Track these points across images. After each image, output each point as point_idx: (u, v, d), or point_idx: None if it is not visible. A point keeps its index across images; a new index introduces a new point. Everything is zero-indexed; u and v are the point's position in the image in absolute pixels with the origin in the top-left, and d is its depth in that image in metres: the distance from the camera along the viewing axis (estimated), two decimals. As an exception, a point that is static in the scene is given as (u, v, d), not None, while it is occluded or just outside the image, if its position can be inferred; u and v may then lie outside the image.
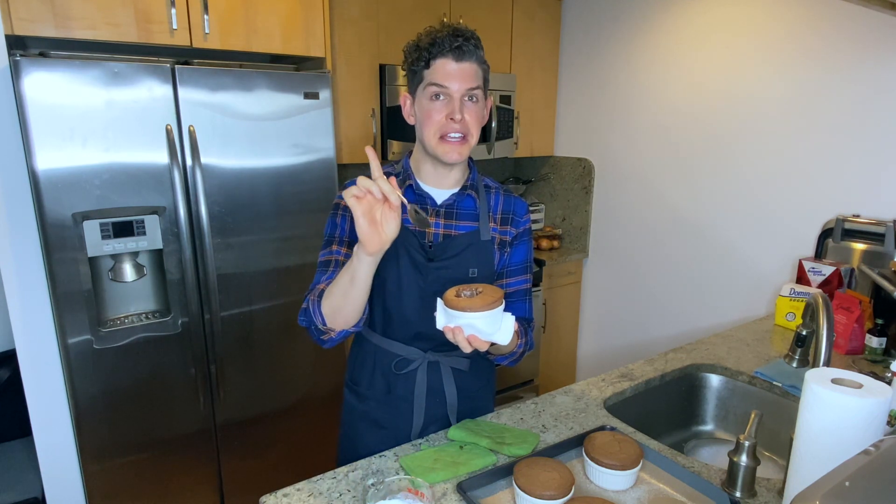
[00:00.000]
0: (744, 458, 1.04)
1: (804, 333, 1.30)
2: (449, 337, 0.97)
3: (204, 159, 1.89)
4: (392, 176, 0.98)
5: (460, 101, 1.10)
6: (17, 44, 1.79)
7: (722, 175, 2.51)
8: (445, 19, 2.68)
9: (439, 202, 1.21)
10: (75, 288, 1.76)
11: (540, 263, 2.98)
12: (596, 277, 3.19)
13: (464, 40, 1.08)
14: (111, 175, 1.76)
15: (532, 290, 1.31)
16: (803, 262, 2.06)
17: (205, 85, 1.86)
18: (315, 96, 2.07)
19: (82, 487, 2.01)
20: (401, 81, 2.56)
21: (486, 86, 1.16)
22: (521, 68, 3.02)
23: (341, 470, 1.11)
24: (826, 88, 2.12)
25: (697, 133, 2.58)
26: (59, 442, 1.98)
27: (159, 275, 1.95)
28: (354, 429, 1.32)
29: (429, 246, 1.19)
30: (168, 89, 1.80)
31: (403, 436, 1.28)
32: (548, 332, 3.14)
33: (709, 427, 1.66)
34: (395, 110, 2.57)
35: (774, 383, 1.54)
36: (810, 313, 1.29)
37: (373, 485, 1.05)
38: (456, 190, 1.22)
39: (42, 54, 1.72)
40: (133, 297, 1.96)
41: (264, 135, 2.00)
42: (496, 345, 1.03)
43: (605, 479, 1.05)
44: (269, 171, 2.03)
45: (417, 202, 1.21)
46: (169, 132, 1.82)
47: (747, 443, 1.04)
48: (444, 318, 0.98)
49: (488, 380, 1.38)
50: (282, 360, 2.19)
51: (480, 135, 1.16)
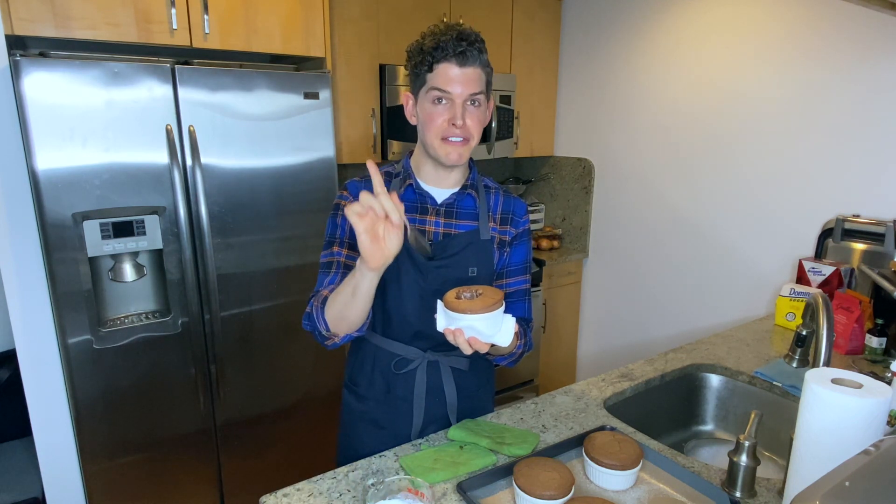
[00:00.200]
0: (744, 458, 1.04)
1: (804, 333, 1.30)
2: (450, 339, 0.97)
3: (204, 159, 1.89)
4: (394, 191, 0.98)
5: (462, 105, 1.10)
6: (17, 44, 1.79)
7: (722, 175, 2.51)
8: (445, 19, 2.68)
9: (439, 201, 1.22)
10: (75, 288, 1.76)
11: (540, 263, 2.98)
12: (596, 277, 3.19)
13: (468, 45, 1.07)
14: (111, 175, 1.76)
15: (531, 290, 1.31)
16: (803, 262, 2.06)
17: (205, 85, 1.86)
18: (315, 96, 2.07)
19: (82, 487, 2.01)
20: (401, 81, 2.56)
21: (489, 88, 1.16)
22: (521, 68, 3.02)
23: (341, 470, 1.11)
24: (826, 88, 2.12)
25: (697, 133, 2.58)
26: (59, 442, 1.98)
27: (159, 275, 1.95)
28: (354, 429, 1.32)
29: (429, 245, 1.19)
30: (168, 89, 1.80)
31: (403, 436, 1.28)
32: (548, 332, 3.14)
33: (709, 427, 1.66)
34: (395, 110, 2.57)
35: (774, 383, 1.54)
36: (810, 313, 1.28)
37: (373, 485, 1.05)
38: (456, 189, 1.23)
39: (42, 54, 1.72)
40: (133, 297, 1.96)
41: (264, 135, 2.00)
42: (496, 346, 1.03)
43: (605, 479, 1.05)
44: (269, 171, 2.03)
45: (418, 201, 1.21)
46: (169, 132, 1.82)
47: (747, 443, 1.04)
48: (445, 320, 0.98)
49: (488, 379, 1.38)
50: (282, 360, 2.19)
51: (481, 135, 1.16)
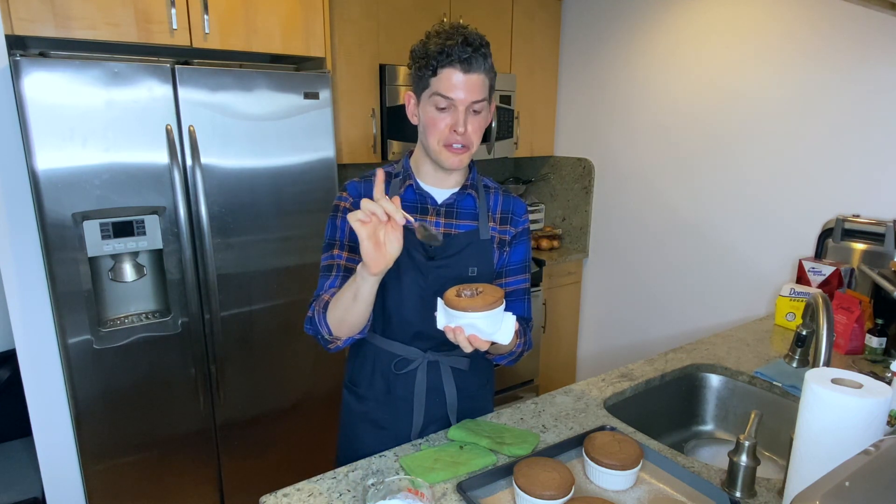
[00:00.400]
0: (744, 458, 1.04)
1: (804, 333, 1.30)
2: (450, 337, 0.97)
3: (204, 159, 1.89)
4: (396, 196, 0.98)
5: (465, 112, 1.10)
6: (17, 44, 1.79)
7: (722, 175, 2.51)
8: (445, 19, 2.68)
9: (439, 201, 1.22)
10: (75, 288, 1.76)
11: (540, 263, 2.98)
12: (596, 277, 3.19)
13: (473, 50, 1.07)
14: (111, 175, 1.76)
15: (531, 289, 1.31)
16: (803, 262, 2.06)
17: (205, 85, 1.86)
18: (315, 96, 2.07)
19: (82, 487, 2.01)
20: (401, 81, 2.56)
21: (492, 93, 1.16)
22: (521, 68, 3.02)
23: (341, 470, 1.11)
24: (826, 88, 2.12)
25: (698, 133, 2.58)
26: (59, 442, 1.98)
27: (159, 275, 1.95)
28: (354, 430, 1.32)
29: (429, 245, 1.19)
30: (168, 89, 1.80)
31: (403, 436, 1.28)
32: (548, 332, 3.14)
33: (709, 427, 1.66)
34: (395, 110, 2.57)
35: (774, 383, 1.54)
36: (810, 313, 1.28)
37: (373, 485, 1.05)
38: (456, 190, 1.23)
39: (42, 54, 1.72)
40: (133, 297, 1.96)
41: (264, 135, 2.00)
42: (496, 344, 1.03)
43: (605, 479, 1.05)
44: (269, 171, 2.03)
45: (418, 201, 1.21)
46: (169, 132, 1.82)
47: (747, 443, 1.04)
48: (445, 317, 0.98)
49: (488, 379, 1.38)
50: (282, 360, 2.19)
51: (481, 140, 1.17)
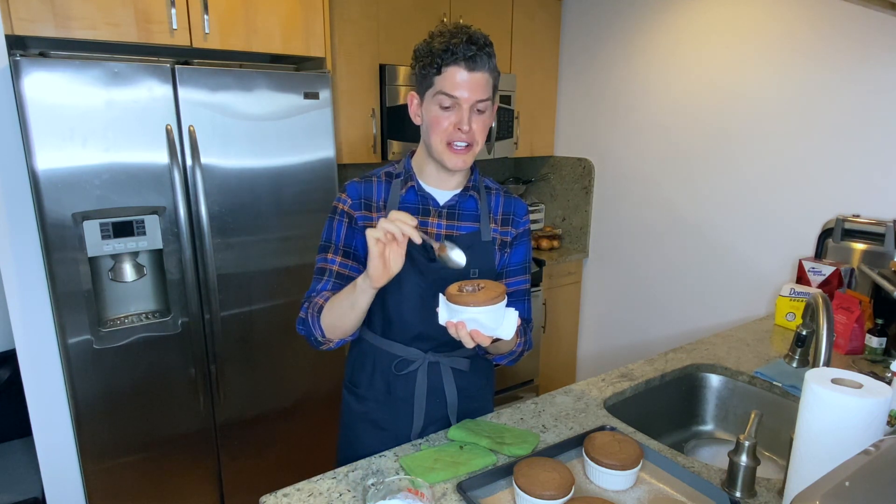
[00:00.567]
0: (744, 458, 1.04)
1: (804, 333, 1.30)
2: (451, 332, 0.96)
3: (204, 159, 1.89)
4: (414, 218, 0.98)
5: (469, 111, 1.10)
6: (17, 44, 1.79)
7: (722, 175, 2.51)
8: (445, 19, 2.68)
9: (441, 203, 1.22)
10: (75, 288, 1.76)
11: (540, 263, 2.98)
12: (596, 277, 3.19)
13: (477, 49, 1.07)
14: (111, 175, 1.76)
15: (531, 290, 1.31)
16: (803, 262, 2.06)
17: (205, 85, 1.86)
18: (315, 96, 2.07)
19: (82, 487, 2.01)
20: (401, 81, 2.56)
21: (496, 92, 1.15)
22: (521, 68, 3.02)
23: (341, 470, 1.11)
24: (826, 88, 2.12)
25: (697, 133, 2.58)
26: (59, 442, 1.98)
27: (159, 275, 1.95)
28: (354, 430, 1.32)
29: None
30: (168, 89, 1.80)
31: (403, 437, 1.28)
32: (548, 332, 3.14)
33: (709, 427, 1.66)
34: (395, 110, 2.57)
35: (774, 383, 1.54)
36: (810, 313, 1.28)
37: (373, 485, 1.05)
38: (458, 191, 1.23)
39: (42, 54, 1.72)
40: (133, 297, 1.96)
41: (264, 135, 2.00)
42: (498, 341, 1.02)
43: (605, 479, 1.05)
44: (269, 171, 2.03)
45: (419, 203, 1.21)
46: (169, 132, 1.82)
47: (747, 443, 1.04)
48: (447, 313, 0.97)
49: (488, 380, 1.38)
50: (282, 360, 2.19)
51: (485, 140, 1.17)
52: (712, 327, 2.64)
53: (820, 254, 2.15)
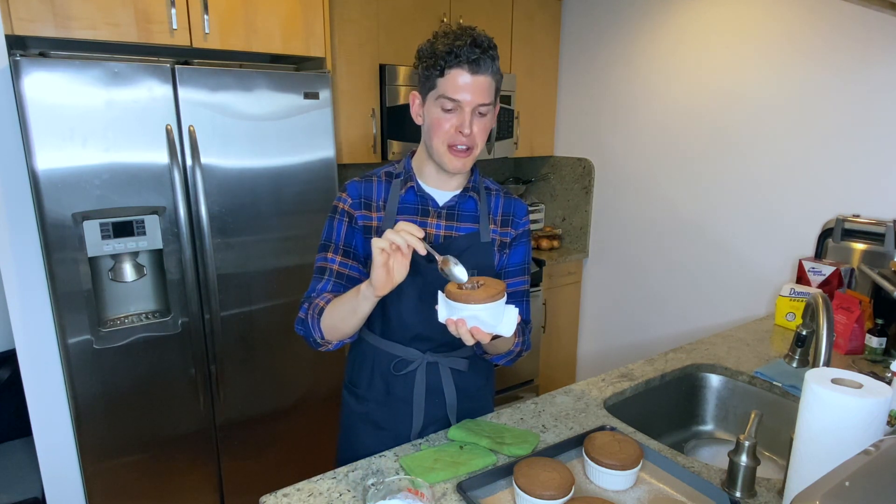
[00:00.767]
0: (744, 458, 1.04)
1: (804, 333, 1.30)
2: (451, 330, 0.96)
3: (204, 159, 1.89)
4: (418, 227, 0.98)
5: (471, 114, 1.10)
6: (17, 44, 1.79)
7: (722, 175, 2.51)
8: (445, 19, 2.68)
9: (441, 203, 1.22)
10: (75, 288, 1.76)
11: (540, 263, 2.98)
12: (596, 277, 3.19)
13: (481, 52, 1.07)
14: (111, 175, 1.76)
15: (530, 291, 1.31)
16: (803, 262, 2.06)
17: (205, 85, 1.86)
18: (315, 96, 2.07)
19: (82, 487, 2.01)
20: (401, 81, 2.56)
21: (497, 96, 1.15)
22: (521, 68, 3.02)
23: (341, 470, 1.11)
24: (826, 88, 2.12)
25: (697, 133, 2.58)
26: (59, 442, 1.98)
27: (159, 275, 1.95)
28: (354, 431, 1.32)
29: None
30: (168, 89, 1.80)
31: (403, 437, 1.28)
32: (548, 332, 3.14)
33: (709, 427, 1.66)
34: (395, 110, 2.57)
35: (774, 383, 1.54)
36: (810, 313, 1.28)
37: (373, 485, 1.05)
38: (458, 192, 1.22)
39: (42, 54, 1.72)
40: (133, 297, 1.96)
41: (264, 135, 2.00)
42: (497, 339, 1.02)
43: (605, 479, 1.05)
44: (269, 171, 2.03)
45: (419, 203, 1.21)
46: (169, 132, 1.82)
47: (747, 443, 1.04)
48: (447, 310, 0.97)
49: (487, 379, 1.38)
50: (282, 360, 2.19)
51: (485, 143, 1.17)
52: (712, 327, 2.64)
53: (820, 254, 2.15)
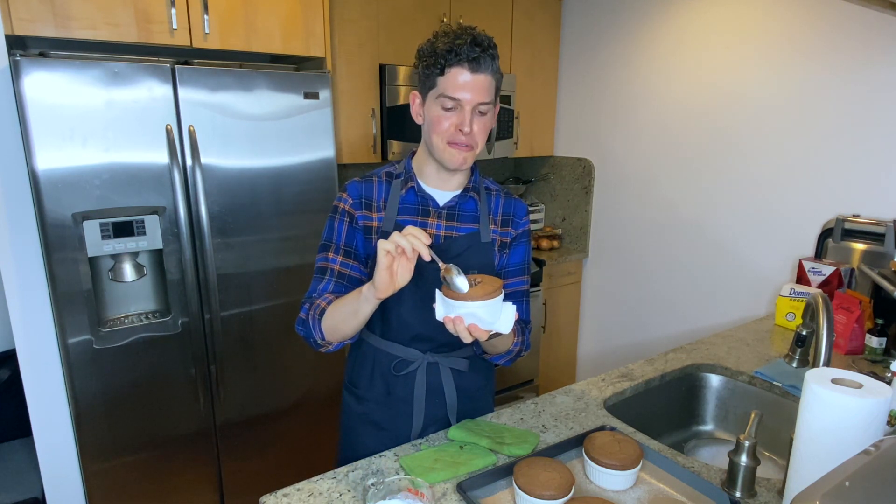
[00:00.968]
0: (744, 458, 1.04)
1: (804, 333, 1.30)
2: (449, 328, 0.96)
3: (204, 159, 1.89)
4: (422, 229, 0.98)
5: (471, 113, 1.10)
6: (17, 44, 1.79)
7: (722, 175, 2.51)
8: (445, 19, 2.68)
9: (441, 203, 1.21)
10: (75, 288, 1.76)
11: (540, 263, 2.98)
12: (596, 277, 3.19)
13: (481, 51, 1.07)
14: (111, 175, 1.76)
15: (530, 291, 1.31)
16: (803, 262, 2.06)
17: (205, 85, 1.86)
18: (315, 96, 2.07)
19: (82, 487, 2.01)
20: (401, 81, 2.56)
21: (497, 95, 1.15)
22: (521, 68, 3.02)
23: (341, 470, 1.11)
24: (826, 88, 2.12)
25: (697, 133, 2.58)
26: (59, 442, 1.98)
27: (159, 275, 1.95)
28: (354, 431, 1.32)
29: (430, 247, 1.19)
30: (168, 89, 1.80)
31: (403, 437, 1.28)
32: (548, 332, 3.14)
33: (709, 427, 1.66)
34: (395, 110, 2.57)
35: (774, 383, 1.54)
36: (810, 313, 1.29)
37: (373, 485, 1.05)
38: (458, 192, 1.22)
39: (42, 54, 1.72)
40: (133, 297, 1.96)
41: (264, 135, 2.00)
42: (495, 337, 1.02)
43: (605, 479, 1.05)
44: (269, 171, 2.03)
45: (419, 203, 1.21)
46: (169, 132, 1.82)
47: (747, 443, 1.04)
48: (444, 308, 0.97)
49: (487, 380, 1.38)
50: (282, 360, 2.19)
51: (485, 142, 1.17)
52: (712, 327, 2.64)
53: (820, 254, 2.15)
